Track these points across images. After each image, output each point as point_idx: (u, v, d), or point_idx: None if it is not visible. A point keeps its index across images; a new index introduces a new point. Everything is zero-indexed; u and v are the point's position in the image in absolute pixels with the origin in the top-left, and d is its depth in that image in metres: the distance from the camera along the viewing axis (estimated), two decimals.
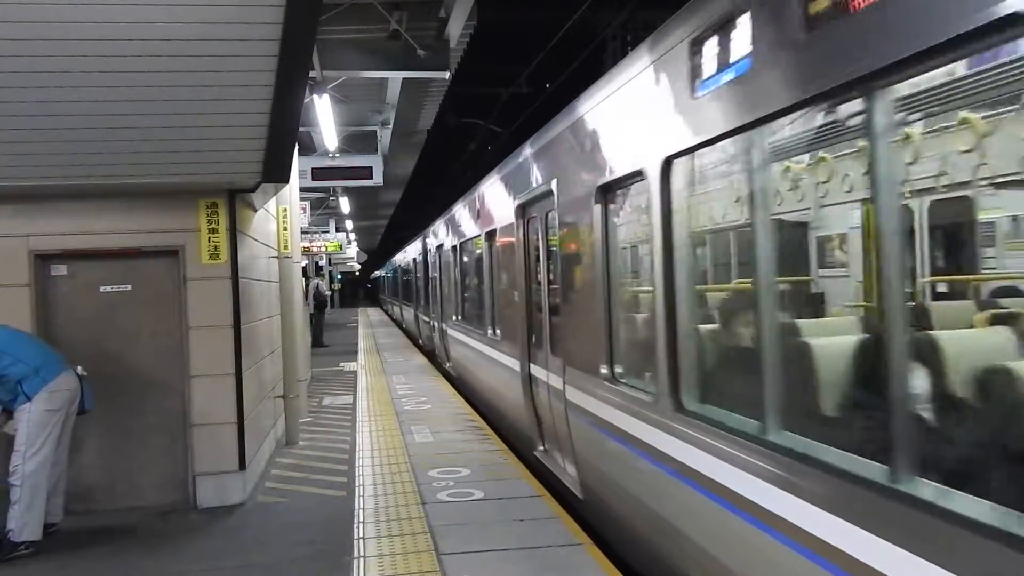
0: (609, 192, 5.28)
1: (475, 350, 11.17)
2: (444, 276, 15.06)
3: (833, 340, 3.66)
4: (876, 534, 2.64)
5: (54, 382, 5.85)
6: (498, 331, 9.51)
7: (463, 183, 21.75)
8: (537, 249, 7.40)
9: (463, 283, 12.98)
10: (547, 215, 6.92)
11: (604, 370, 5.31)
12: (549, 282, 7.02)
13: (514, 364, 8.24)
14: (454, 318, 13.70)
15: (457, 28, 9.45)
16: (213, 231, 6.85)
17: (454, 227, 13.32)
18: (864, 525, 2.69)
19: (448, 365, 14.90)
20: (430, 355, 18.56)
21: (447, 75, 10.76)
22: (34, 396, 5.75)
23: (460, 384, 13.18)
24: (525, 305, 7.82)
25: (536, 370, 7.49)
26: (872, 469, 2.77)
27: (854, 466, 2.86)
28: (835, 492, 2.86)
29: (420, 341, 21.65)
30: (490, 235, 9.76)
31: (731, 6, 3.49)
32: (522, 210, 7.82)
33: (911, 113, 2.92)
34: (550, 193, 6.54)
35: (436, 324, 16.71)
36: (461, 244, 12.65)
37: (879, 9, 2.57)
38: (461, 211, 12.39)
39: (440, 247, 15.54)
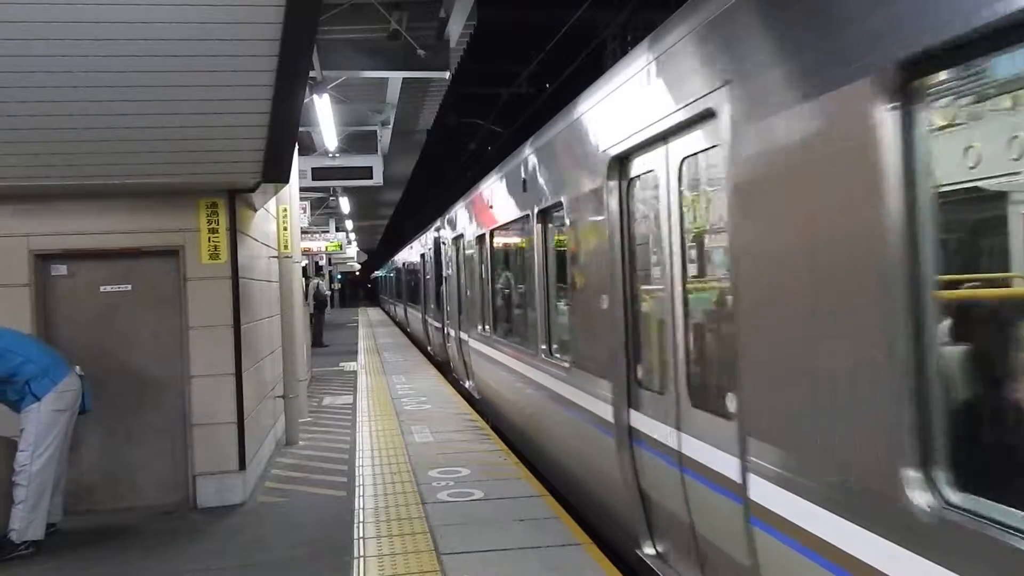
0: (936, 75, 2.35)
1: (516, 375, 8.23)
2: (466, 273, 11.91)
3: None
4: None
5: (63, 382, 5.87)
6: (559, 352, 6.67)
7: (463, 183, 21.75)
8: (651, 228, 4.60)
9: (495, 282, 9.82)
10: (682, 164, 4.13)
11: (921, 496, 2.35)
12: (688, 282, 4.14)
13: (597, 406, 5.35)
14: (480, 328, 10.52)
15: (457, 28, 9.46)
16: (213, 231, 6.86)
17: (481, 211, 10.26)
18: None
19: (469, 384, 12.09)
20: (443, 367, 15.75)
21: (447, 75, 10.77)
22: (43, 396, 5.76)
23: (489, 413, 10.41)
24: (624, 317, 4.90)
25: (647, 424, 4.65)
26: None
27: None
28: None
29: (429, 349, 18.38)
30: (548, 213, 6.89)
31: None
32: (620, 165, 4.93)
33: None
34: (706, 117, 3.69)
35: (453, 333, 13.47)
36: (493, 231, 9.61)
37: None
38: (493, 189, 9.34)
39: (459, 238, 12.45)
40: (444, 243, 14.55)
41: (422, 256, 19.63)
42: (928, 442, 2.36)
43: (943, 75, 2.34)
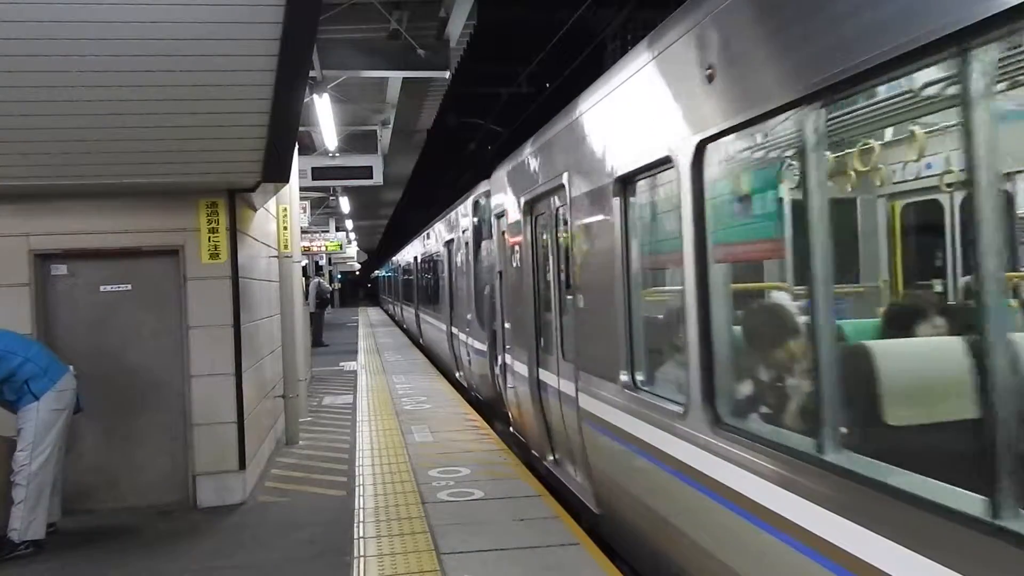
0: None
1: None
2: (559, 264, 6.50)
3: None
4: None
5: (61, 381, 5.89)
6: None
7: (464, 182, 21.68)
8: None
9: (708, 273, 3.80)
10: None
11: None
12: None
13: None
14: (627, 385, 4.86)
15: (457, 28, 9.45)
16: (213, 231, 6.86)
17: (643, 121, 4.54)
18: None
19: (548, 460, 7.05)
20: (480, 404, 11.25)
21: (447, 75, 10.76)
22: (42, 396, 5.77)
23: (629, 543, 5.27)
24: None
25: None
26: None
27: None
28: None
29: (459, 376, 13.27)
30: None
31: None
32: None
33: None
34: None
35: (521, 370, 7.66)
36: (704, 147, 3.71)
37: None
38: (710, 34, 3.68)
39: (540, 202, 6.96)
40: (499, 217, 8.83)
41: (448, 244, 14.25)
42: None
43: None
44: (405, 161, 19.96)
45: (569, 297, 6.06)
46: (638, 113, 4.59)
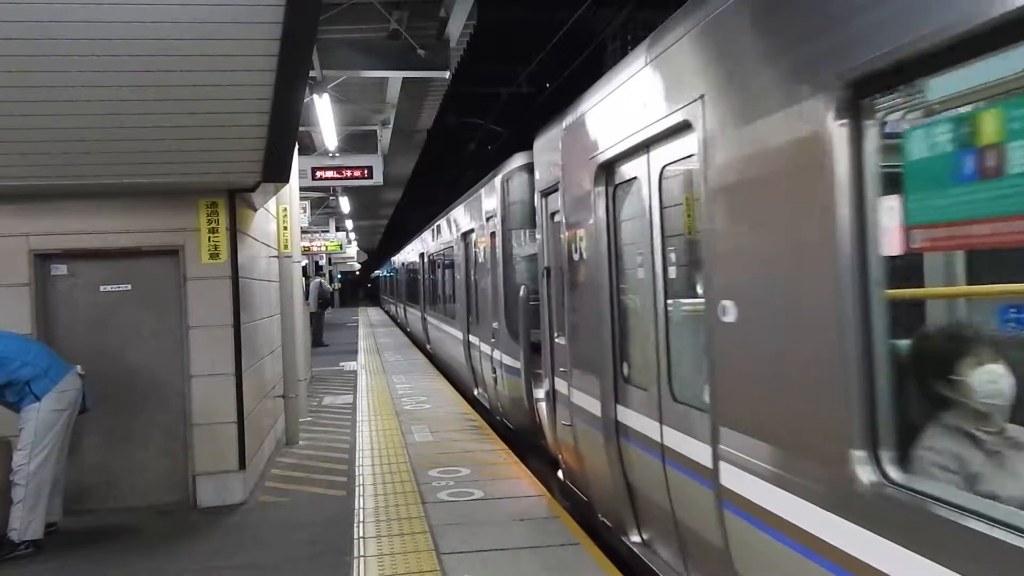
0: None
1: None
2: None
3: None
4: None
5: (63, 382, 5.88)
6: None
7: (465, 182, 21.66)
8: None
9: None
10: None
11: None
12: None
13: None
14: (873, 472, 2.43)
15: (457, 28, 9.46)
16: (213, 231, 6.86)
17: None
18: None
19: (635, 541, 4.86)
20: (504, 430, 9.62)
21: (447, 75, 10.76)
22: (43, 396, 5.77)
23: None
24: None
25: None
26: None
27: None
28: None
29: (477, 393, 11.53)
30: None
31: None
32: None
33: None
34: None
35: (590, 407, 5.30)
36: None
37: None
38: None
39: (631, 156, 4.48)
40: (547, 195, 6.55)
41: (465, 236, 12.24)
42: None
43: None
44: (405, 161, 19.97)
45: (688, 304, 4.07)
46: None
